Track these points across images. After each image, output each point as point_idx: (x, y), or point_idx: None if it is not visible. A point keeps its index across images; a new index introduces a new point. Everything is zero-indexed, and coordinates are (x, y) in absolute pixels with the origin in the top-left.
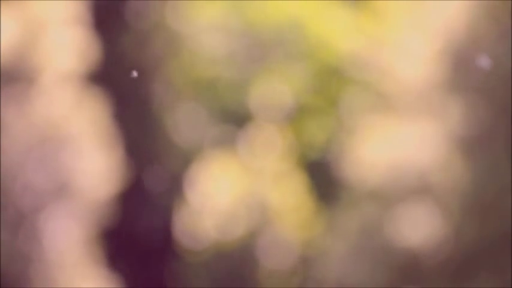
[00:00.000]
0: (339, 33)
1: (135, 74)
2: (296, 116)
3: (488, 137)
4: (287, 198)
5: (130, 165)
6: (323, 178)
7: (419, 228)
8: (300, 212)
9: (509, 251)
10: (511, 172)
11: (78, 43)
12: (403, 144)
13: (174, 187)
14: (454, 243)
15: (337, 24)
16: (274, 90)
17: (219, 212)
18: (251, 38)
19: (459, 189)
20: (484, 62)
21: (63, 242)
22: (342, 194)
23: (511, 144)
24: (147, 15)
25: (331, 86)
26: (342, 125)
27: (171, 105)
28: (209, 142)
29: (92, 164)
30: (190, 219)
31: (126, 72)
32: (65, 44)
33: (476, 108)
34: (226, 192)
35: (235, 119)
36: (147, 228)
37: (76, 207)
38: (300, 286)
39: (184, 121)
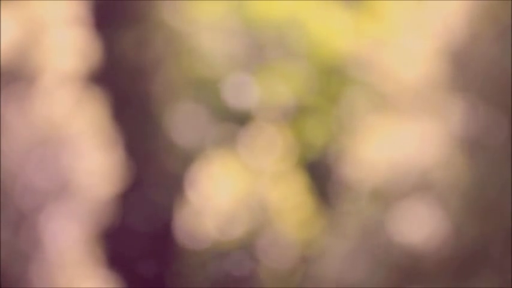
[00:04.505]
0: (339, 33)
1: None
2: (296, 116)
3: (489, 136)
4: (287, 198)
5: (130, 165)
6: (323, 178)
7: (419, 227)
8: (300, 211)
9: (510, 250)
10: (511, 171)
11: (79, 43)
12: (404, 144)
13: (174, 187)
14: (455, 242)
15: (337, 24)
16: (274, 90)
17: (219, 211)
18: (251, 38)
19: (460, 189)
20: (484, 62)
21: (63, 242)
22: (342, 193)
23: (511, 143)
24: (147, 15)
25: (332, 86)
26: (342, 124)
27: (171, 105)
28: (209, 142)
29: (92, 164)
30: (191, 219)
31: (126, 72)
32: (65, 44)
33: (476, 108)
34: (227, 192)
35: (235, 119)
36: (147, 228)
37: (76, 207)
38: (300, 286)
39: (184, 121)
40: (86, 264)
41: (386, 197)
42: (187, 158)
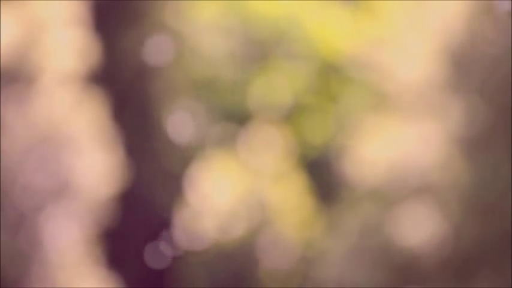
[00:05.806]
0: (338, 33)
1: None
2: (296, 116)
3: (489, 136)
4: (287, 198)
5: (130, 165)
6: (323, 178)
7: (419, 228)
8: (300, 211)
9: (510, 250)
10: (511, 172)
11: (79, 43)
12: (403, 144)
13: (174, 187)
14: (454, 243)
15: (337, 24)
16: (274, 89)
17: (219, 211)
18: (251, 38)
19: (459, 189)
20: (484, 62)
21: (63, 242)
22: (342, 193)
23: (511, 144)
24: (147, 15)
25: (331, 86)
26: (342, 124)
27: (171, 105)
28: (209, 142)
29: (92, 164)
30: (190, 219)
31: (126, 72)
32: (65, 44)
33: (476, 108)
34: (226, 192)
35: (235, 119)
36: (147, 228)
37: (76, 207)
38: (300, 286)
39: (184, 121)
40: (86, 264)
41: (386, 197)
42: (187, 158)
